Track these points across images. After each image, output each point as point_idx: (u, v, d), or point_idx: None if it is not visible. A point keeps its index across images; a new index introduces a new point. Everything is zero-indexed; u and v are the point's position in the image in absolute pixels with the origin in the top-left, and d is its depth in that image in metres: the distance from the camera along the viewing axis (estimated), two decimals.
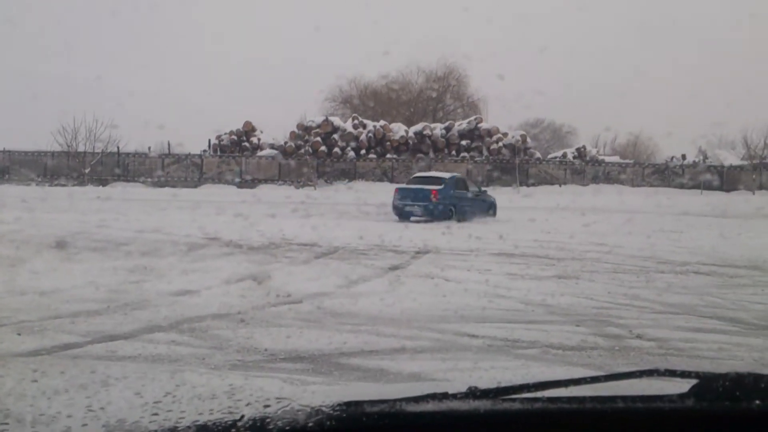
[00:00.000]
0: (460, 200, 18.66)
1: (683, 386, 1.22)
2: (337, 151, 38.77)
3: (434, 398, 1.16)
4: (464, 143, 39.48)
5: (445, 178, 19.29)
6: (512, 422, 1.17)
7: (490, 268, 9.24)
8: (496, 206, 20.63)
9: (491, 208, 20.45)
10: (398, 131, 39.76)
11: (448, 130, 40.11)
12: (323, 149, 38.58)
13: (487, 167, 37.69)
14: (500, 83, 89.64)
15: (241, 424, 1.09)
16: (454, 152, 39.27)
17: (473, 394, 1.18)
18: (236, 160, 38.81)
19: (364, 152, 39.02)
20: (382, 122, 40.57)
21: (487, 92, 52.54)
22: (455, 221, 17.65)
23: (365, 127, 40.12)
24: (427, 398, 1.16)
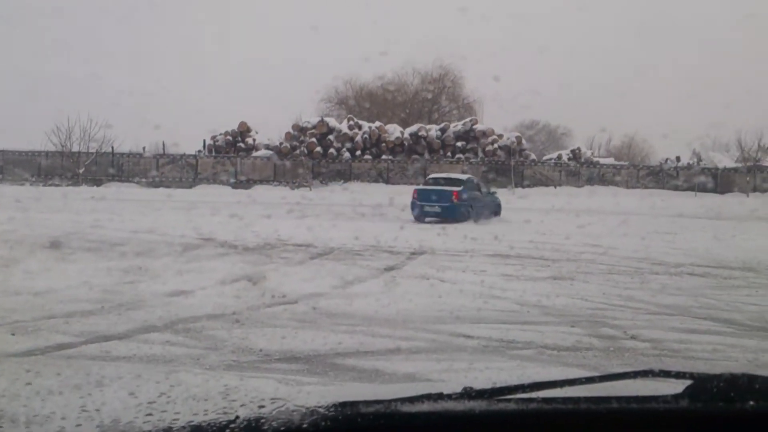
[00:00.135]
0: (475, 201, 19.07)
1: (678, 387, 1.22)
2: (332, 152, 38.77)
3: (429, 399, 1.16)
4: (459, 144, 39.51)
5: (462, 179, 19.72)
6: (507, 423, 1.17)
7: (485, 269, 9.25)
8: (501, 206, 21.09)
9: (498, 208, 20.90)
10: (394, 132, 39.78)
11: (443, 131, 40.14)
12: (318, 150, 38.58)
13: (482, 169, 37.71)
14: (496, 85, 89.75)
15: (235, 424, 1.09)
16: (449, 153, 39.30)
17: (468, 394, 1.18)
18: (231, 160, 38.77)
19: (359, 153, 39.02)
20: (377, 123, 40.59)
21: (482, 94, 52.62)
22: (472, 221, 18.07)
23: (361, 128, 40.12)
24: (422, 399, 1.16)
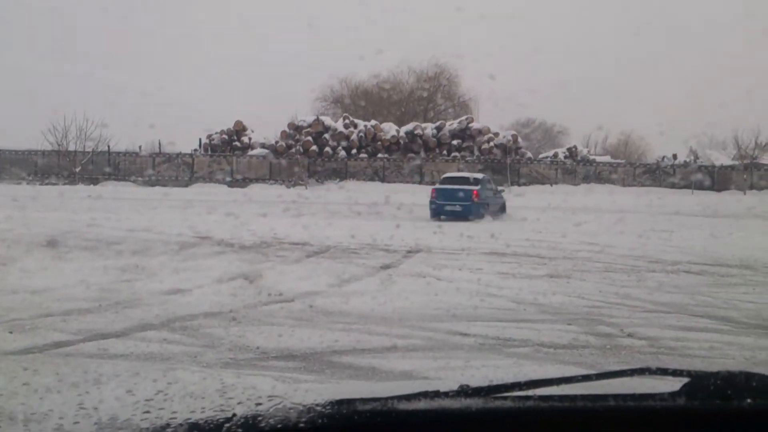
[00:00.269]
0: (489, 199, 19.71)
1: (675, 385, 1.22)
2: (328, 150, 38.74)
3: (426, 396, 1.16)
4: (455, 143, 39.51)
5: (479, 178, 20.28)
6: (503, 420, 1.17)
7: (481, 267, 9.26)
8: (506, 204, 21.64)
9: (504, 206, 21.45)
10: (389, 131, 39.75)
11: (439, 129, 40.12)
12: (314, 149, 38.54)
13: (478, 167, 37.63)
14: (491, 83, 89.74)
15: (233, 422, 1.09)
16: (445, 152, 39.30)
17: (465, 392, 1.18)
18: (227, 159, 38.71)
19: (355, 152, 38.99)
20: (373, 122, 40.56)
21: (478, 92, 52.50)
22: (489, 219, 18.58)
23: (356, 126, 40.08)
24: (418, 396, 1.16)
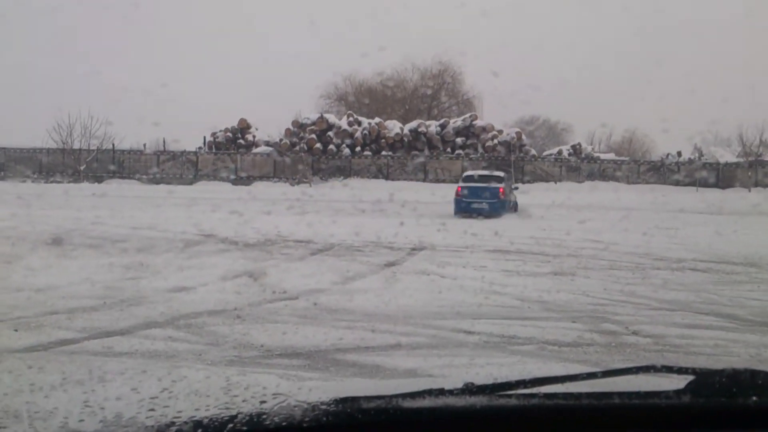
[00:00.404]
0: (510, 196, 20.41)
1: (680, 382, 1.22)
2: (332, 148, 38.73)
3: (430, 394, 1.16)
4: (459, 140, 39.46)
5: (501, 176, 20.83)
6: (508, 418, 1.17)
7: (485, 264, 9.24)
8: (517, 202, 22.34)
9: (516, 203, 22.01)
10: (393, 128, 39.72)
11: (443, 127, 40.08)
12: (318, 146, 38.54)
13: (482, 164, 37.63)
14: (495, 80, 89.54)
15: (237, 420, 1.09)
16: (449, 149, 39.27)
17: (469, 390, 1.18)
18: (231, 157, 38.74)
19: (359, 149, 38.98)
20: (377, 119, 40.52)
21: (482, 89, 52.61)
22: (511, 215, 19.37)
23: (360, 124, 40.07)
24: (423, 394, 1.16)
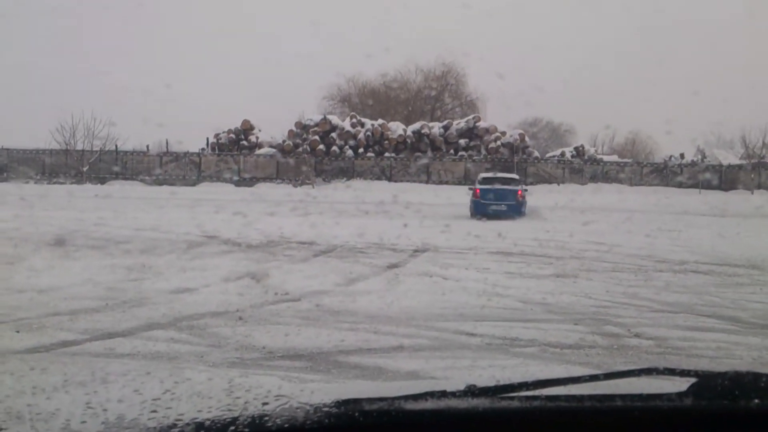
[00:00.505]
0: (525, 198, 20.59)
1: (682, 385, 1.22)
2: (335, 149, 38.74)
3: (433, 396, 1.16)
4: (462, 142, 39.45)
5: (516, 178, 21.27)
6: (511, 420, 1.17)
7: (488, 266, 9.24)
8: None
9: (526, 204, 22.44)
10: (396, 130, 39.72)
11: (446, 128, 40.09)
12: (321, 148, 38.55)
13: (485, 166, 37.62)
14: (499, 82, 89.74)
15: (239, 421, 1.09)
16: (452, 151, 39.26)
17: (472, 392, 1.18)
18: (234, 158, 38.77)
19: (362, 151, 38.98)
20: (380, 121, 40.53)
21: (485, 91, 52.62)
22: (524, 216, 19.53)
23: (363, 125, 40.08)
24: (425, 396, 1.16)
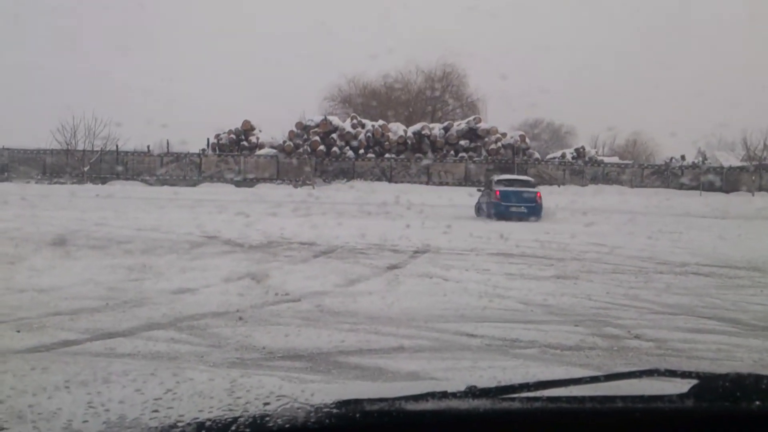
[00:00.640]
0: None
1: (683, 386, 1.22)
2: (335, 150, 38.76)
3: (433, 397, 1.16)
4: (463, 143, 39.47)
5: (531, 181, 21.56)
6: (512, 421, 1.17)
7: (489, 267, 9.23)
8: None
9: None
10: (397, 131, 39.75)
11: (447, 130, 40.11)
12: (322, 148, 38.58)
13: (486, 167, 37.66)
14: (499, 83, 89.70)
15: (240, 421, 1.09)
16: (452, 152, 39.27)
17: (472, 393, 1.18)
18: (235, 159, 38.82)
19: (362, 152, 39.01)
20: (380, 122, 40.55)
21: (486, 92, 52.71)
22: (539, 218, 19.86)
23: (364, 126, 40.10)
24: (426, 397, 1.16)
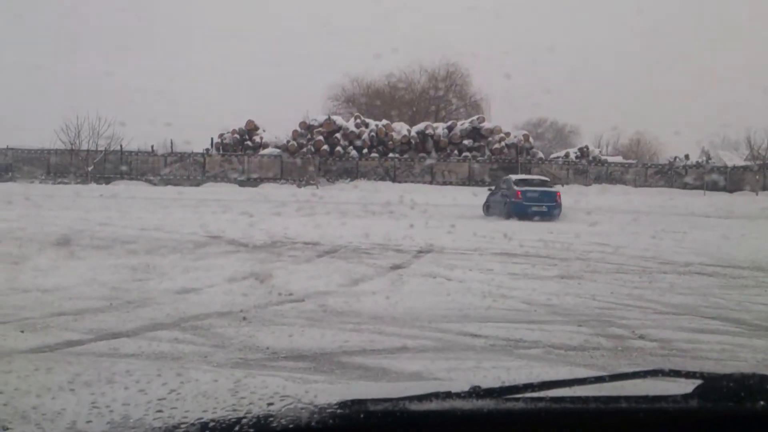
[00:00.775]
0: None
1: (687, 387, 1.22)
2: (339, 150, 38.76)
3: (437, 397, 1.16)
4: (467, 143, 39.43)
5: (548, 181, 22.06)
6: (516, 422, 1.17)
7: (493, 267, 9.22)
8: None
9: None
10: (401, 130, 39.73)
11: (450, 129, 40.07)
12: (326, 148, 38.58)
13: (489, 167, 37.65)
14: (503, 82, 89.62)
15: (244, 422, 1.09)
16: (456, 152, 39.25)
17: (476, 393, 1.18)
18: (239, 158, 38.83)
19: (366, 151, 38.99)
20: (384, 121, 40.54)
21: (489, 91, 52.64)
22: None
23: (367, 126, 40.09)
24: (430, 397, 1.16)
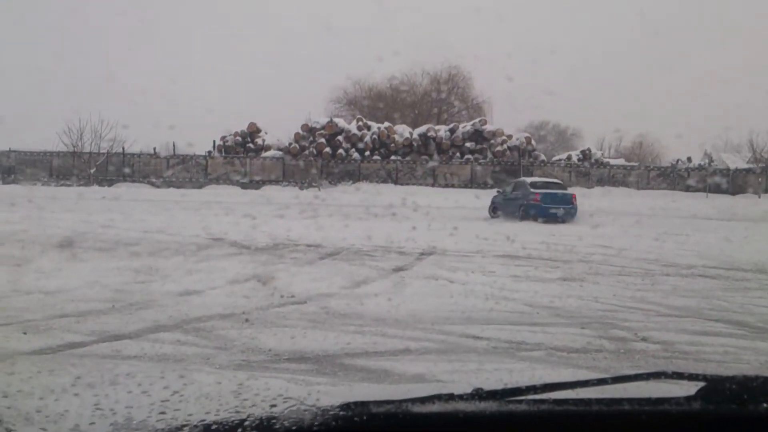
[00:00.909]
0: None
1: (690, 389, 1.22)
2: (341, 152, 38.76)
3: (440, 399, 1.16)
4: (469, 145, 39.41)
5: (563, 183, 22.52)
6: (518, 424, 1.17)
7: (495, 269, 9.22)
8: None
9: None
10: (403, 133, 39.73)
11: (452, 132, 40.06)
12: (328, 150, 38.58)
13: (492, 169, 37.64)
14: (505, 85, 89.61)
15: (247, 423, 1.09)
16: (458, 154, 39.24)
17: (479, 395, 1.18)
18: (241, 161, 38.85)
19: (368, 154, 38.99)
20: (386, 124, 40.53)
21: (492, 94, 52.58)
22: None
23: (369, 128, 40.09)
24: (432, 399, 1.16)
